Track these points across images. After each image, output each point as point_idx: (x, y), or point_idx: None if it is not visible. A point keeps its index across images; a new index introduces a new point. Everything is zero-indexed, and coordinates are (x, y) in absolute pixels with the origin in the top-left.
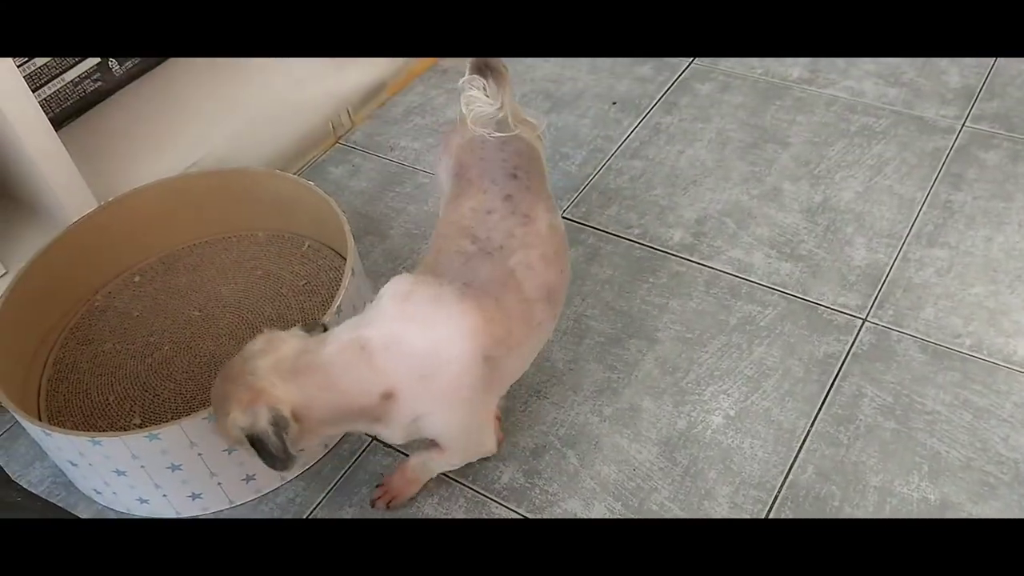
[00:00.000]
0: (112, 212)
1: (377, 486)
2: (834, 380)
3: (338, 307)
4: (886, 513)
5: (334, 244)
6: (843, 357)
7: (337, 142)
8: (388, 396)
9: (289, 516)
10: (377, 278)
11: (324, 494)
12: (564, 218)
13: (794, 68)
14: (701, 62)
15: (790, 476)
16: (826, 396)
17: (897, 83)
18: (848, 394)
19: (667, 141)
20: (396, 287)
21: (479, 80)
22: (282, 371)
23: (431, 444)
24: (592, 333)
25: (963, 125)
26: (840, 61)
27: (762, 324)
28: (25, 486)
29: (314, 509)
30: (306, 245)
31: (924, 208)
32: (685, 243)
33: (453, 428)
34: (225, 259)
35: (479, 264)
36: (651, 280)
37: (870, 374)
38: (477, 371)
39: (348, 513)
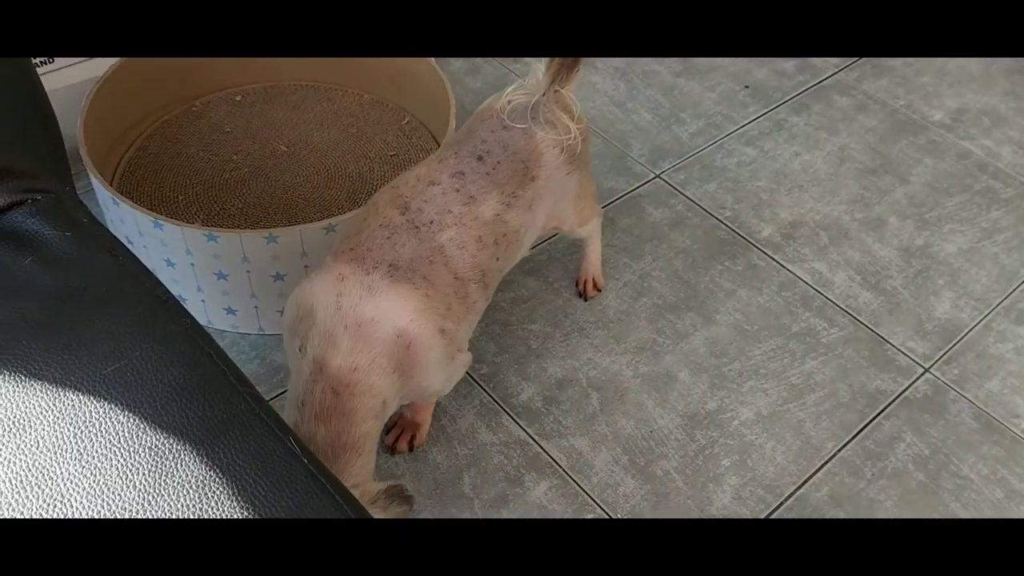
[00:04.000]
0: None
1: (388, 432)
2: (877, 415)
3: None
4: None
5: (434, 128)
6: (893, 397)
7: None
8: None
9: None
10: None
11: None
12: (660, 178)
13: (938, 111)
14: (847, 75)
15: (802, 489)
16: (864, 427)
17: None
18: (886, 433)
19: (787, 139)
20: (322, 297)
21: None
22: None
23: None
24: (651, 294)
25: None
26: (986, 119)
27: (823, 340)
28: None
29: None
30: (406, 120)
31: None
32: (772, 240)
33: (435, 387)
34: (326, 107)
35: (404, 240)
36: (727, 263)
37: (915, 422)
38: (439, 344)
39: None
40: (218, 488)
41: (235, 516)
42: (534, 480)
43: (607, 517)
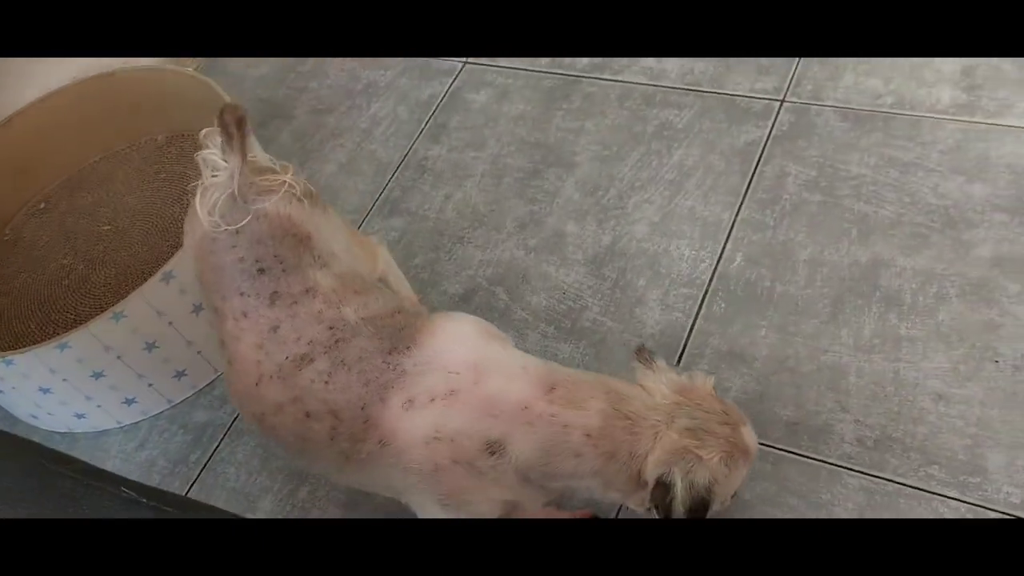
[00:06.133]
0: None
1: None
2: (756, 166)
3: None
4: (816, 284)
5: None
6: (763, 142)
7: None
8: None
9: (228, 407)
10: (288, 158)
11: None
12: (469, 63)
13: None
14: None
15: (719, 268)
16: (749, 183)
17: None
18: (771, 177)
19: None
20: (427, 431)
21: (218, 137)
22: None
23: None
24: (510, 171)
25: None
26: None
27: (679, 127)
28: None
29: None
30: None
31: None
32: (594, 63)
33: None
34: (128, 169)
35: (349, 348)
36: (564, 107)
37: (792, 153)
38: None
39: None
40: None
41: None
42: None
43: None
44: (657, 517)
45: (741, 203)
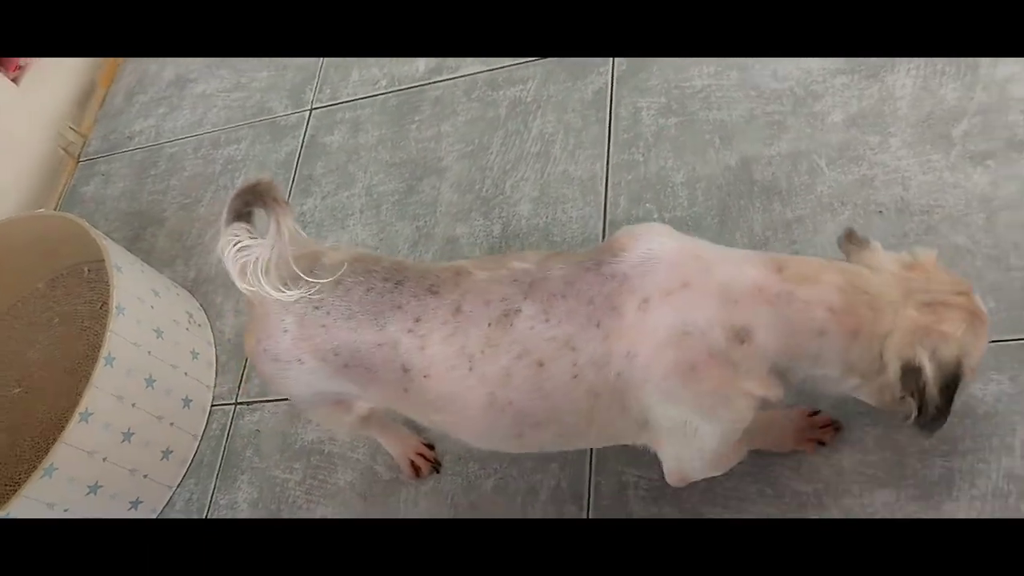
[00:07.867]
0: None
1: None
2: (610, 111)
3: (117, 305)
4: (698, 200)
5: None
6: (610, 86)
7: (78, 161)
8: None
9: (193, 516)
10: (172, 261)
11: (214, 478)
12: (314, 109)
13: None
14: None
15: (607, 218)
16: (609, 129)
17: None
18: (627, 116)
19: None
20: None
21: (240, 228)
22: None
23: None
24: (386, 196)
25: None
26: None
27: (529, 99)
28: None
29: (212, 495)
30: (86, 271)
31: None
32: (431, 68)
33: None
34: (21, 325)
35: (550, 283)
36: (416, 118)
37: (638, 88)
38: None
39: (244, 481)
40: None
41: None
42: None
43: None
44: (905, 408)
45: (608, 150)
